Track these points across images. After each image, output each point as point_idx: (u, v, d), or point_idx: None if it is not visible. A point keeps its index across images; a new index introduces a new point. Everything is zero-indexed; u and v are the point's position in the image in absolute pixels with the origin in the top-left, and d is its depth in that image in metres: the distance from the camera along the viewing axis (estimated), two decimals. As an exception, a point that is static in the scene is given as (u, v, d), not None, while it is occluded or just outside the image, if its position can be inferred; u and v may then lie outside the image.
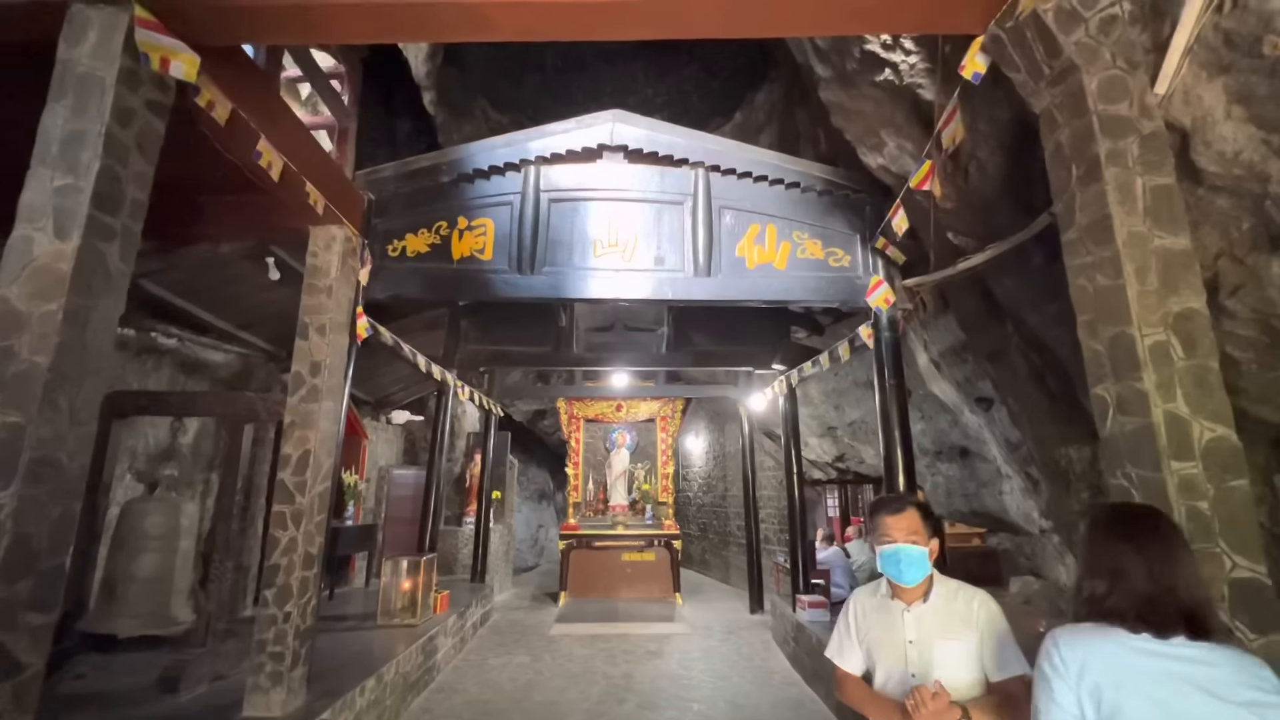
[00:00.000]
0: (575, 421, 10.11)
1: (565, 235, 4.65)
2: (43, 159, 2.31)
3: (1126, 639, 1.13)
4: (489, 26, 2.70)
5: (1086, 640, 1.16)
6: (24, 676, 2.07)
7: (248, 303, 6.05)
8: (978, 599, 1.77)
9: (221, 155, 3.27)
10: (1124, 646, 1.13)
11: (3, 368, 2.13)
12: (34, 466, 2.09)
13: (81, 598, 4.45)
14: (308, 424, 3.98)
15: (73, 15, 2.43)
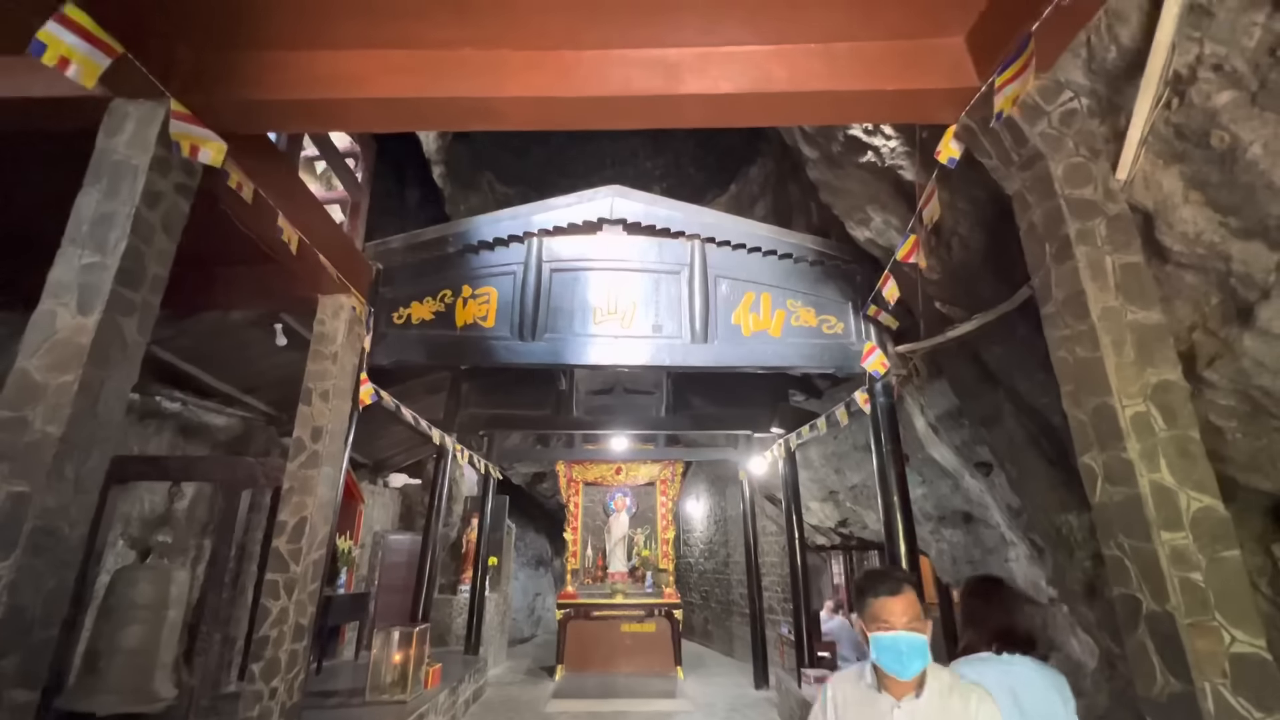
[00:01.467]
0: (574, 485, 10.01)
1: (566, 303, 4.80)
2: (73, 238, 2.45)
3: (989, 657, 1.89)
4: (497, 118, 2.91)
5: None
6: (2, 758, 2.02)
7: (253, 367, 6.15)
8: (975, 696, 1.58)
9: (238, 229, 3.45)
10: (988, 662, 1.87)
11: (15, 437, 2.19)
12: (35, 536, 2.11)
13: (61, 671, 4.31)
14: (306, 490, 3.99)
15: (113, 109, 2.63)
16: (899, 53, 2.72)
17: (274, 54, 2.79)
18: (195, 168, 2.83)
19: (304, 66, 2.79)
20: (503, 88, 2.75)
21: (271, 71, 2.78)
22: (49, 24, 2.16)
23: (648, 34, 2.73)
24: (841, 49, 2.74)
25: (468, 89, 2.76)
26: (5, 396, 2.23)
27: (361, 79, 2.78)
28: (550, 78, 2.76)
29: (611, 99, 2.79)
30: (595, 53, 2.77)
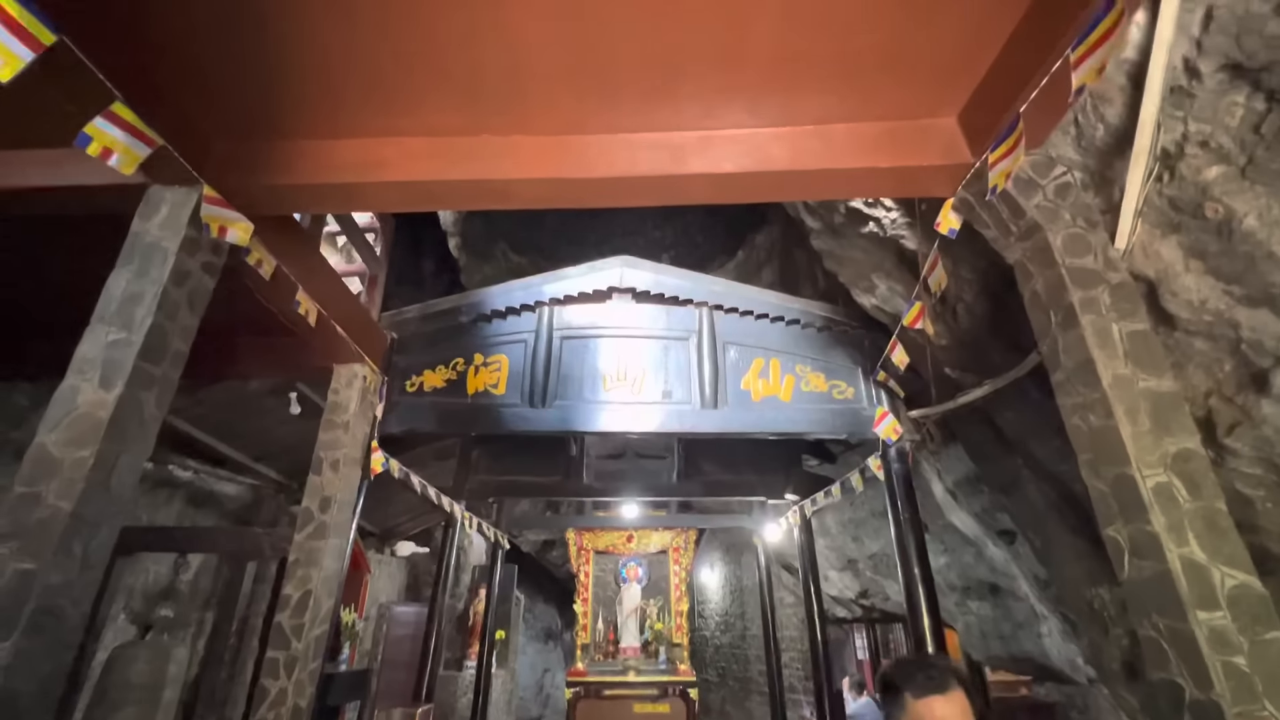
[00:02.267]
0: (585, 554, 9.76)
1: (576, 370, 4.85)
2: (102, 316, 2.54)
3: None
4: (510, 198, 3.05)
5: None
6: None
7: (266, 435, 6.20)
8: None
9: (254, 303, 3.56)
10: None
11: (26, 514, 2.20)
12: (36, 616, 2.08)
13: (50, 757, 4.14)
14: (312, 562, 3.93)
15: (149, 195, 2.79)
16: (894, 132, 2.85)
17: (300, 143, 2.97)
18: (222, 247, 2.96)
19: (328, 153, 2.96)
20: (516, 170, 2.89)
21: (298, 158, 2.95)
22: (96, 119, 2.33)
23: (653, 119, 2.88)
24: (839, 130, 2.87)
25: (482, 172, 2.90)
26: (22, 472, 2.25)
27: (381, 164, 2.93)
28: (561, 160, 2.91)
29: (619, 179, 2.91)
30: (603, 136, 2.92)
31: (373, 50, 2.55)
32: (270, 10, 2.38)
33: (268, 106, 2.82)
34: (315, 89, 2.74)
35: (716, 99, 2.78)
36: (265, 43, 2.51)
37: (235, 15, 2.38)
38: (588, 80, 2.69)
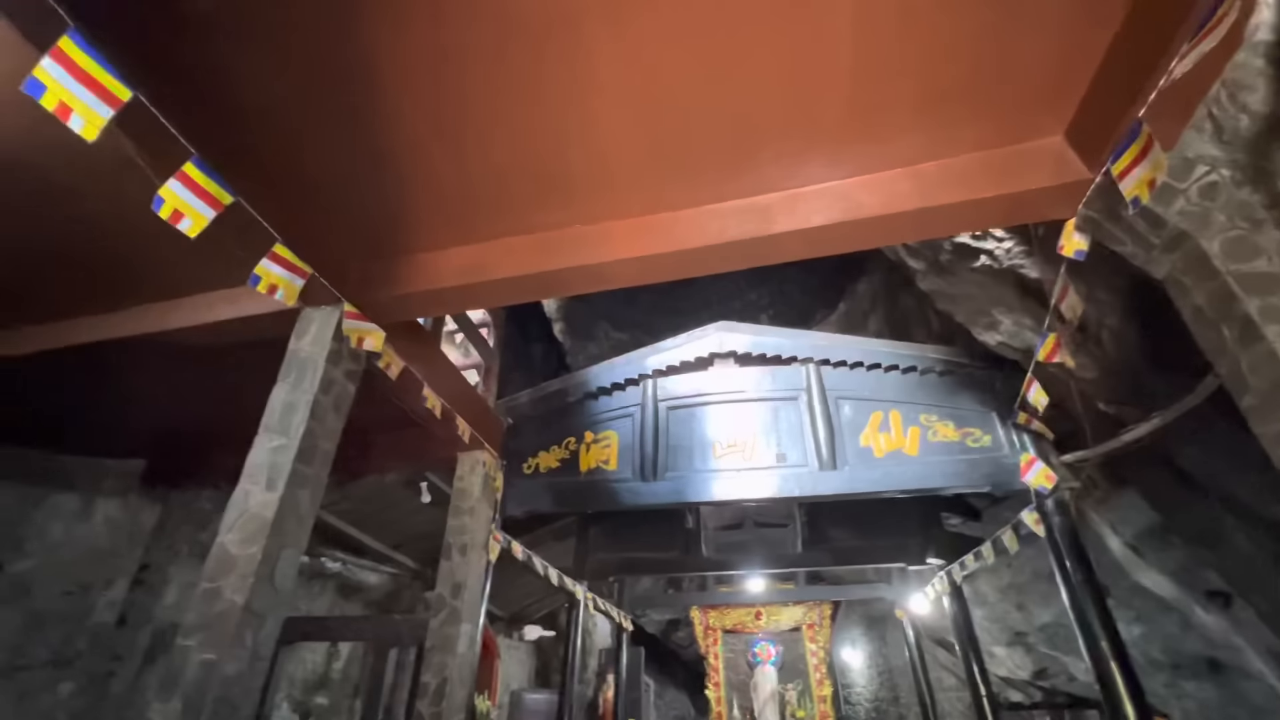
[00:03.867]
0: (712, 634, 9.27)
1: (685, 440, 4.81)
2: (267, 426, 2.90)
3: None
4: (607, 280, 3.20)
5: None
6: None
7: (400, 525, 6.63)
8: None
9: (387, 402, 3.92)
10: None
11: (209, 607, 2.46)
12: (216, 705, 2.28)
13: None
14: (447, 649, 4.04)
15: (302, 316, 3.22)
16: (992, 161, 2.70)
17: (420, 255, 3.33)
18: (360, 355, 3.32)
19: (443, 262, 3.28)
20: (610, 253, 3.04)
21: (418, 269, 3.30)
22: (263, 261, 2.75)
23: (737, 187, 2.95)
24: (930, 169, 2.77)
25: (580, 259, 3.08)
26: (206, 569, 2.55)
27: (490, 264, 3.20)
28: (651, 238, 3.02)
29: (710, 247, 2.97)
30: (690, 210, 3.01)
31: (475, 167, 2.86)
32: (390, 147, 2.75)
33: (391, 228, 3.21)
34: (429, 208, 3.09)
35: (797, 159, 2.81)
36: (386, 176, 2.89)
37: (362, 157, 2.78)
38: (669, 160, 2.83)
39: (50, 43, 1.92)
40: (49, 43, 1.92)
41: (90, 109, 2.01)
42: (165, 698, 2.29)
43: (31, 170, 2.81)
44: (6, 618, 4.89)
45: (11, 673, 4.71)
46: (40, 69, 1.90)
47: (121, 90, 2.06)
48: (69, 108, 1.98)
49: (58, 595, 5.05)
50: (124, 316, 3.61)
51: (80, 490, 5.47)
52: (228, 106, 2.51)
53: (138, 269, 3.37)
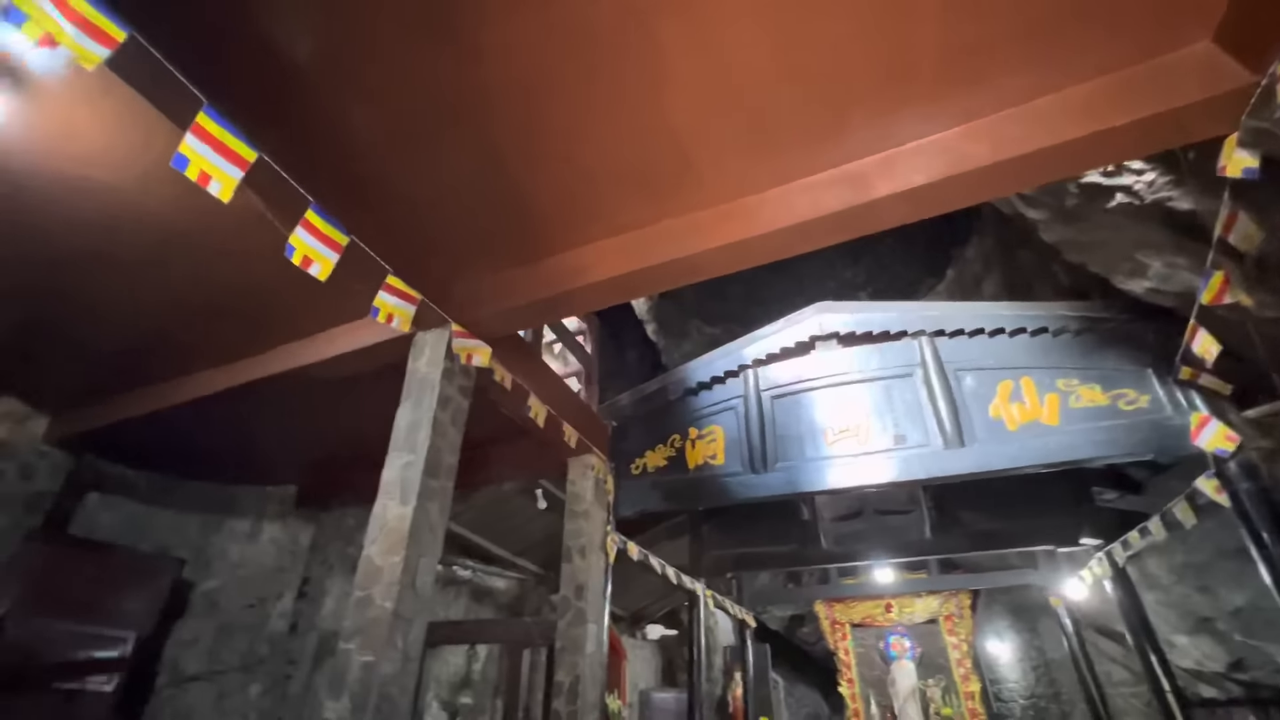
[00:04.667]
0: (839, 628, 8.91)
1: (793, 429, 4.65)
2: (396, 445, 3.12)
3: None
4: (699, 271, 3.15)
5: None
6: None
7: (521, 531, 6.93)
8: None
9: (498, 414, 4.09)
10: None
11: (363, 613, 2.68)
12: (379, 703, 2.47)
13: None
14: (576, 649, 4.15)
15: (417, 340, 3.43)
16: (1122, 85, 2.37)
17: (516, 271, 3.45)
18: (470, 371, 3.49)
19: (538, 273, 3.38)
20: (700, 244, 2.99)
21: (515, 284, 3.42)
22: (380, 293, 2.96)
23: (826, 157, 2.80)
24: (1044, 104, 2.48)
25: (669, 253, 3.05)
26: (357, 579, 2.78)
27: (583, 270, 3.26)
28: (741, 223, 2.94)
29: (802, 225, 2.84)
30: (778, 190, 2.90)
31: (560, 178, 2.92)
32: (478, 170, 2.87)
33: (487, 248, 3.36)
34: (520, 223, 3.19)
35: (890, 117, 2.62)
36: (477, 198, 3.02)
37: (454, 182, 2.93)
38: (751, 141, 2.74)
39: (190, 120, 2.17)
40: (189, 120, 2.17)
41: (225, 173, 2.25)
42: (335, 696, 2.51)
43: (183, 238, 3.21)
44: (202, 629, 5.61)
45: (211, 676, 5.40)
46: (185, 144, 2.15)
47: (248, 152, 2.29)
48: (208, 175, 2.22)
49: (240, 608, 5.73)
50: (268, 358, 4.04)
51: (249, 516, 6.18)
52: (332, 153, 2.73)
53: (275, 314, 3.75)
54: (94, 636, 4.86)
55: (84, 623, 4.82)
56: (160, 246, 3.25)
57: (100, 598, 4.94)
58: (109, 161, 2.86)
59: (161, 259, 3.33)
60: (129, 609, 5.08)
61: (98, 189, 2.96)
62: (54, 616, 4.66)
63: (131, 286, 3.52)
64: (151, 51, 2.06)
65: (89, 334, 4.00)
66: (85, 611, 4.83)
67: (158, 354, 4.21)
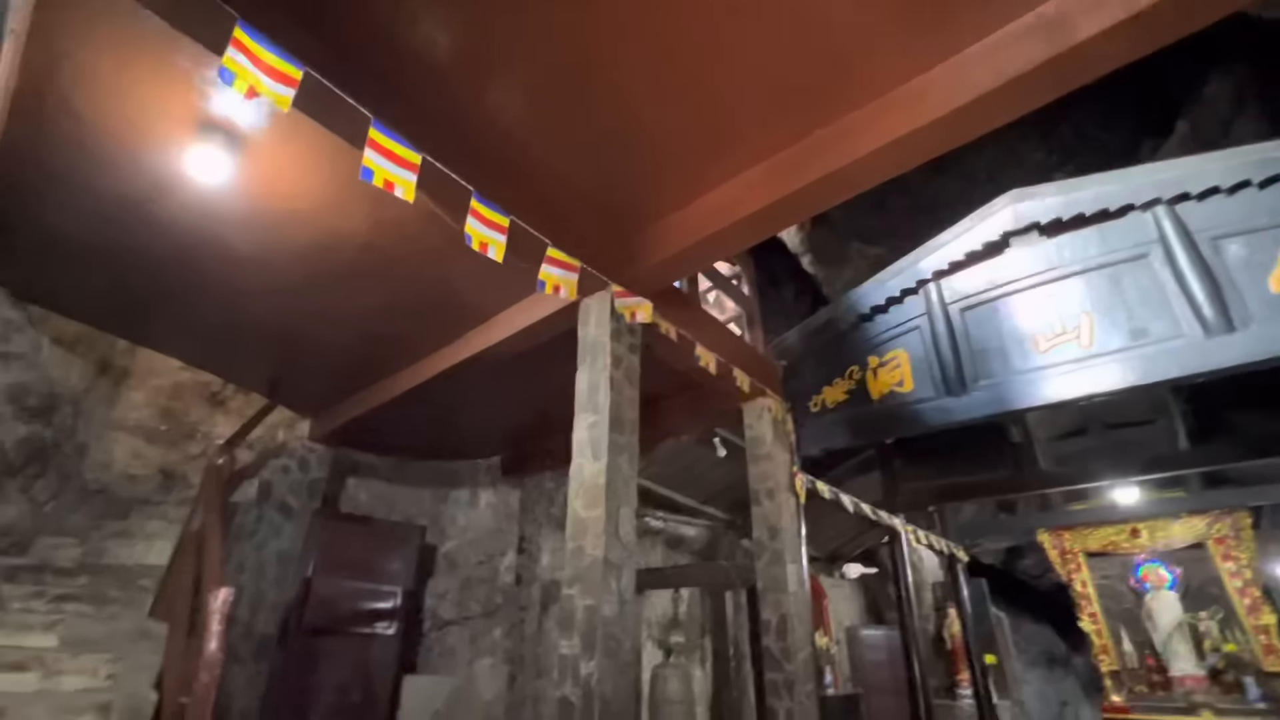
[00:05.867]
0: (1071, 558, 7.92)
1: (992, 341, 4.11)
2: (581, 406, 3.29)
3: None
4: (856, 182, 2.83)
5: None
6: (621, 833, 2.47)
7: (704, 480, 7.07)
8: None
9: (668, 368, 4.13)
10: None
11: (578, 562, 2.90)
12: (606, 642, 2.68)
13: (637, 755, 5.26)
14: (778, 588, 4.16)
15: (582, 306, 3.56)
16: None
17: (664, 221, 3.40)
18: (636, 328, 3.55)
19: (688, 219, 3.30)
20: (857, 148, 2.67)
21: (666, 234, 3.37)
22: (543, 266, 3.09)
23: (1004, 7, 2.32)
24: None
25: (824, 167, 2.78)
26: (568, 532, 3.01)
27: (732, 206, 3.11)
28: (904, 114, 2.57)
29: (983, 98, 2.40)
30: (948, 62, 2.48)
31: (696, 112, 2.78)
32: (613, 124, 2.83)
33: (633, 204, 3.34)
34: (661, 171, 3.12)
35: (1092, -72, 2.08)
36: (617, 155, 3.00)
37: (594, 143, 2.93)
38: (909, 9, 2.35)
39: (364, 136, 2.40)
40: (363, 137, 2.39)
41: (402, 178, 2.46)
42: (567, 636, 2.78)
43: (378, 249, 3.64)
44: (449, 584, 6.58)
45: (462, 621, 6.33)
46: (366, 158, 2.39)
47: (413, 155, 2.48)
48: (391, 182, 2.45)
49: (474, 565, 6.61)
50: (459, 345, 4.48)
51: (467, 486, 7.05)
52: (481, 141, 2.87)
53: (460, 305, 4.13)
54: (373, 591, 5.94)
55: (364, 581, 5.91)
56: (362, 259, 3.72)
57: (372, 561, 6.01)
58: (308, 193, 3.31)
59: (365, 269, 3.81)
60: (393, 569, 6.12)
61: (305, 218, 3.45)
62: (343, 577, 5.77)
63: (350, 296, 4.09)
64: (323, 82, 2.29)
65: (325, 344, 4.76)
66: (364, 572, 5.92)
67: (376, 356, 4.89)
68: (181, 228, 3.53)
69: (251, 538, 5.35)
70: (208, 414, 6.24)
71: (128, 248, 3.73)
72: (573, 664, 2.69)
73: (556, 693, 2.71)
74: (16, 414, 4.22)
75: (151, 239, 3.64)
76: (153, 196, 3.32)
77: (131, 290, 4.23)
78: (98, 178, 3.21)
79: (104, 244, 3.73)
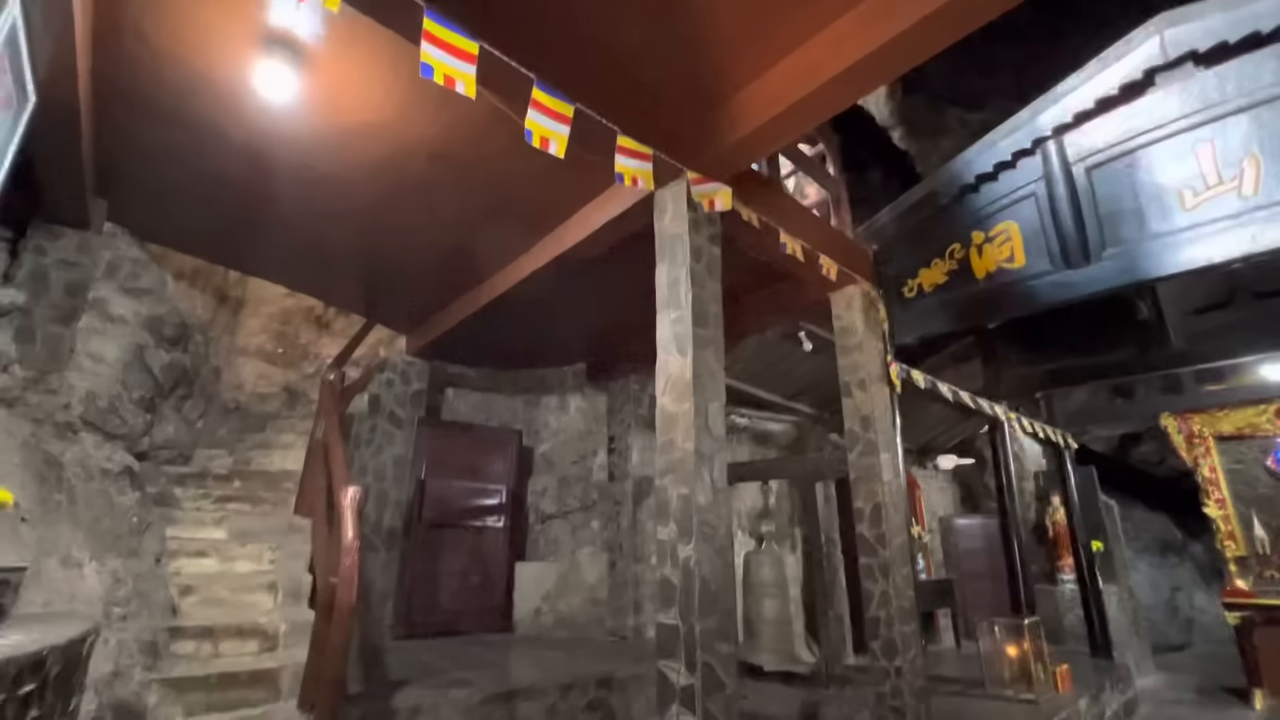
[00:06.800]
0: (1200, 443, 7.27)
1: (1125, 202, 3.58)
2: (663, 304, 3.21)
3: None
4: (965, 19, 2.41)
5: None
6: (726, 693, 2.65)
7: (790, 376, 6.95)
8: None
9: (750, 260, 3.93)
10: None
11: (670, 455, 2.94)
12: (701, 528, 2.76)
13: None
14: (872, 477, 4.10)
15: (658, 198, 3.39)
16: None
17: (742, 94, 3.09)
18: (715, 218, 3.36)
19: (766, 90, 2.98)
20: (970, -29, 2.25)
21: (744, 109, 3.08)
22: (616, 158, 2.93)
23: None
24: None
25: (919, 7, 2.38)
26: (660, 426, 3.05)
27: (814, 68, 2.76)
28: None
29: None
30: None
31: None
32: None
33: (705, 78, 3.05)
34: (733, 35, 2.79)
35: None
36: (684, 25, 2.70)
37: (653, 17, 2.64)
38: None
39: (418, 29, 2.27)
40: (418, 30, 2.27)
41: (462, 71, 2.34)
42: (663, 523, 2.88)
43: (447, 156, 3.60)
44: (548, 482, 7.00)
45: (563, 515, 6.80)
46: (424, 53, 2.27)
47: (471, 45, 2.34)
48: (451, 78, 2.34)
49: (570, 464, 6.98)
50: (538, 250, 4.47)
51: (555, 392, 7.32)
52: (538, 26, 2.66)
53: (535, 207, 4.07)
54: (480, 490, 6.45)
55: (471, 481, 6.41)
56: (433, 170, 3.70)
57: (476, 463, 6.48)
58: (373, 104, 3.26)
59: (437, 180, 3.81)
60: (496, 469, 6.59)
61: (374, 130, 3.43)
62: (452, 478, 6.28)
63: (426, 210, 4.14)
64: (370, -32, 2.16)
65: (410, 261, 4.91)
66: (470, 473, 6.41)
67: (458, 269, 4.99)
68: (259, 151, 3.62)
69: (369, 445, 5.88)
70: (315, 336, 6.72)
71: (216, 177, 3.90)
72: (671, 548, 2.80)
73: (657, 573, 2.86)
74: (158, 343, 4.70)
75: (236, 167, 3.77)
76: (230, 121, 3.40)
77: (227, 220, 4.48)
78: (179, 106, 3.31)
79: (195, 176, 3.92)
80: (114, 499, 3.60)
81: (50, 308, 4.00)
